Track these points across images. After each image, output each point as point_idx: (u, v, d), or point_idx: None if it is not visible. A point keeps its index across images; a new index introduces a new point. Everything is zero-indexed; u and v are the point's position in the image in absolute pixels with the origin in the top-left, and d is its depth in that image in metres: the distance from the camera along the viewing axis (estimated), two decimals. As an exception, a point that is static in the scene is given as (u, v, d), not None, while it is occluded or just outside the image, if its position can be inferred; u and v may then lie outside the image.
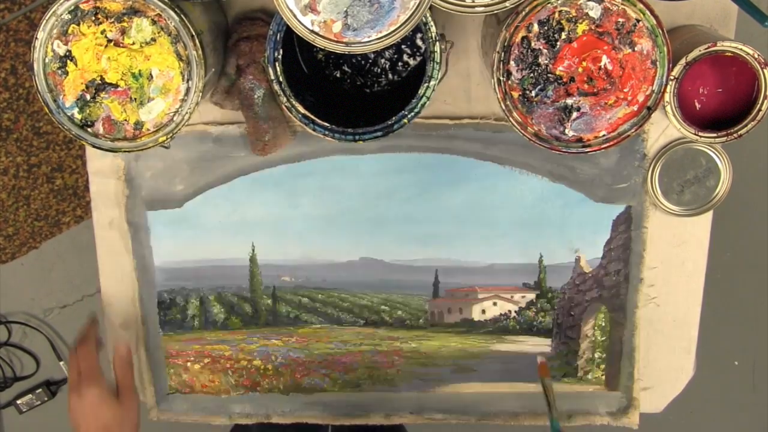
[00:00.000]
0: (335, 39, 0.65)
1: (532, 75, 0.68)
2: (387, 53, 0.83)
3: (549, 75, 0.68)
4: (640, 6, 0.65)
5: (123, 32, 0.69)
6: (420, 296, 0.93)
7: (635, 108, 0.69)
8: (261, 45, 0.78)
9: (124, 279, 0.92)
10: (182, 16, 0.68)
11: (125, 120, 0.71)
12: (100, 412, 0.85)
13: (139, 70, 0.69)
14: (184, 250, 0.91)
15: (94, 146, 0.71)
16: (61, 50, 0.69)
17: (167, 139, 0.71)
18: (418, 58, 0.84)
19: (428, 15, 0.70)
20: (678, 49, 0.75)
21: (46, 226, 1.71)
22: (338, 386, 0.95)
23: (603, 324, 0.93)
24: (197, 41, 0.68)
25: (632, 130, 0.69)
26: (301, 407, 0.96)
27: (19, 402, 1.77)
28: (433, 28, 0.71)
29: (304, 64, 0.84)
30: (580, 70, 0.67)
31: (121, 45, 0.69)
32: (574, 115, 0.69)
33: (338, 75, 0.85)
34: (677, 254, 0.90)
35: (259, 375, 0.95)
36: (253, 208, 0.90)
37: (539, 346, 0.94)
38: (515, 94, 0.68)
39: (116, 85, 0.70)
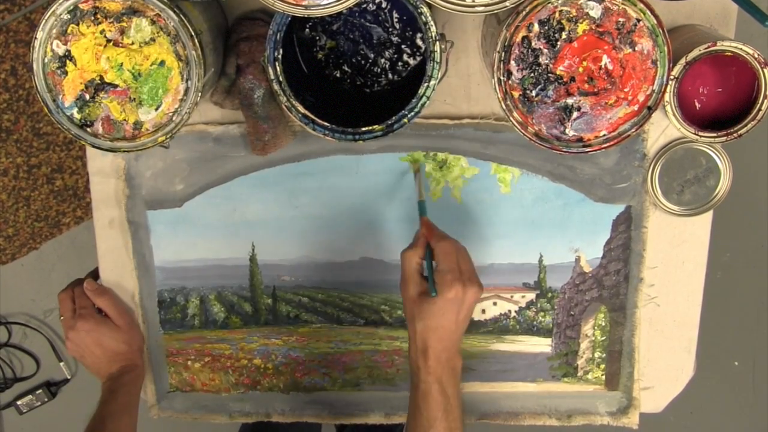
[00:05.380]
0: (294, 2, 0.65)
1: (532, 75, 0.68)
2: (387, 53, 0.83)
3: (549, 75, 0.68)
4: (641, 6, 0.65)
5: (122, 32, 0.69)
6: (420, 296, 0.93)
7: (635, 108, 0.69)
8: (261, 45, 0.78)
9: (124, 278, 0.92)
10: (181, 16, 0.68)
11: (124, 120, 0.71)
12: (100, 338, 0.89)
13: (139, 70, 0.69)
14: (184, 249, 0.91)
15: (93, 146, 0.71)
16: (61, 50, 0.69)
17: (166, 138, 0.71)
18: (418, 58, 0.84)
19: (428, 15, 0.70)
20: (678, 48, 0.75)
21: (46, 227, 1.71)
22: (338, 385, 0.95)
23: (603, 324, 0.93)
24: (196, 41, 0.68)
25: (632, 130, 0.69)
26: (301, 406, 0.96)
27: (19, 403, 1.77)
28: (433, 28, 0.71)
29: (304, 64, 0.84)
30: (580, 69, 0.67)
31: (120, 45, 0.69)
32: (575, 114, 0.69)
33: (338, 75, 0.85)
34: (677, 254, 0.90)
35: (259, 374, 0.95)
36: (253, 208, 0.90)
37: (539, 345, 0.94)
38: (516, 94, 0.68)
39: (115, 85, 0.70)
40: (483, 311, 0.93)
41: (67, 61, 0.69)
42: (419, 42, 0.83)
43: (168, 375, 0.96)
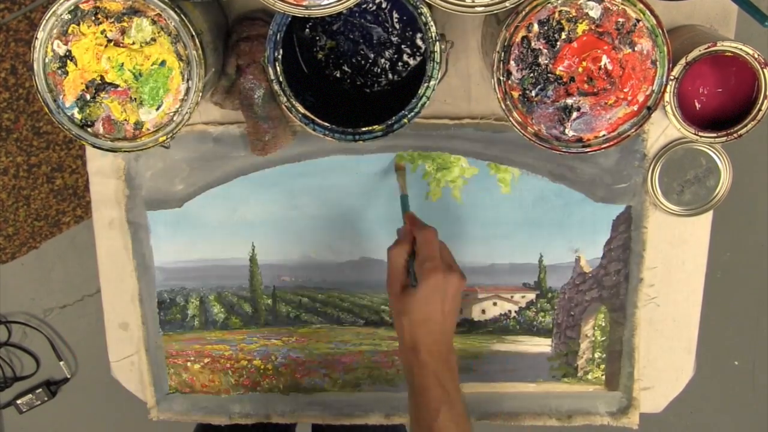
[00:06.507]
0: (295, 2, 0.65)
1: (532, 75, 0.68)
2: (387, 53, 0.83)
3: (549, 75, 0.68)
4: (640, 6, 0.65)
5: (123, 32, 0.69)
6: (420, 296, 0.93)
7: (635, 108, 0.69)
8: (261, 45, 0.78)
9: (124, 279, 0.92)
10: (182, 16, 0.68)
11: (125, 120, 0.71)
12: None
13: (140, 70, 0.69)
14: (184, 250, 0.91)
15: (94, 146, 0.71)
16: (61, 50, 0.69)
17: (167, 139, 0.71)
18: (418, 58, 0.84)
19: (428, 15, 0.70)
20: (678, 49, 0.75)
21: (46, 226, 1.71)
22: (338, 386, 0.95)
23: (603, 324, 0.93)
24: (197, 41, 0.68)
25: (632, 130, 0.69)
26: (301, 407, 0.96)
27: (19, 402, 1.77)
28: (433, 28, 0.71)
29: (304, 64, 0.84)
30: (580, 70, 0.67)
31: (121, 45, 0.69)
32: (574, 115, 0.69)
33: (338, 75, 0.85)
34: (677, 254, 0.90)
35: (259, 375, 0.95)
36: (253, 208, 0.90)
37: (539, 346, 0.94)
38: (515, 94, 0.68)
39: (116, 85, 0.70)
40: (483, 311, 0.93)
41: (68, 61, 0.69)
42: (419, 42, 0.83)
43: (167, 376, 0.96)
